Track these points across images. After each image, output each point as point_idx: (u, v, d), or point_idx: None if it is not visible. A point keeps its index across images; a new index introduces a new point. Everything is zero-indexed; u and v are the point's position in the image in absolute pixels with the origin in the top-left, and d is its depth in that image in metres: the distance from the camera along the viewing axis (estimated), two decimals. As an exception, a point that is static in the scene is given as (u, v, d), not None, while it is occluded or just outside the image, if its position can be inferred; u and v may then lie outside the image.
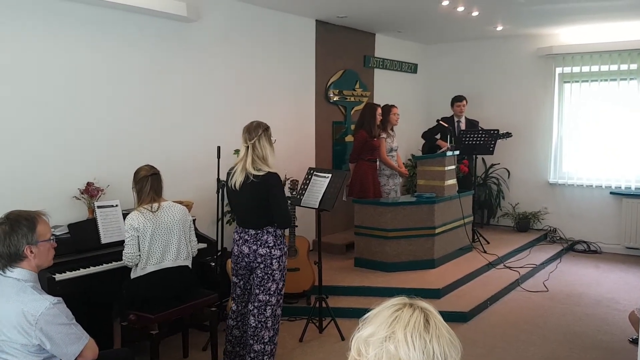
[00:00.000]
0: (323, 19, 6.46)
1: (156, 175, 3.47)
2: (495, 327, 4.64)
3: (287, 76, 6.12)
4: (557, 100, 7.50)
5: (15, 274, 2.23)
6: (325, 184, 4.31)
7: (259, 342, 3.48)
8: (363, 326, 1.27)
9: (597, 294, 5.47)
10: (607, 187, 7.15)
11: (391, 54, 7.74)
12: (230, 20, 5.35)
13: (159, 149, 4.70)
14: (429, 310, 1.27)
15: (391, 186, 6.26)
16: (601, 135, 7.15)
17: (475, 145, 6.63)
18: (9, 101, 3.77)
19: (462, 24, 6.77)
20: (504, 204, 7.92)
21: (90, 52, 4.21)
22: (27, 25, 3.82)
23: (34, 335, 2.14)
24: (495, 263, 6.02)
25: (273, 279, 3.47)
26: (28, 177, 3.86)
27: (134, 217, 3.36)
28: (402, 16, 6.33)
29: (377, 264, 5.55)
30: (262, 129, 3.44)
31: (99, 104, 4.30)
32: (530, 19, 6.49)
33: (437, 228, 5.66)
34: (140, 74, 4.58)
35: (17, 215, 2.24)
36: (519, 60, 7.75)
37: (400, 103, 6.72)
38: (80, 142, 4.18)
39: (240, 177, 3.37)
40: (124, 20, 4.41)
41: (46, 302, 2.17)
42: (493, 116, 7.73)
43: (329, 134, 6.84)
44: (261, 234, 3.44)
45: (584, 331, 4.54)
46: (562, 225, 7.50)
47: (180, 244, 3.49)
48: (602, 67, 7.09)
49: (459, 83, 8.04)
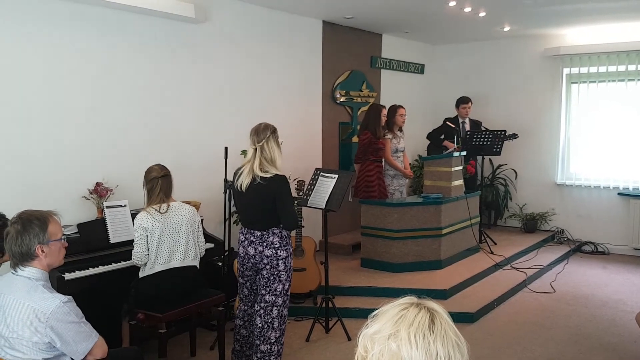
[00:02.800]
0: (330, 20, 6.48)
1: (167, 177, 3.50)
2: (502, 328, 4.63)
3: (294, 77, 6.14)
4: (564, 101, 7.47)
5: (27, 272, 2.26)
6: (332, 184, 4.32)
7: (266, 342, 3.50)
8: (370, 323, 1.28)
9: (605, 295, 5.45)
10: (615, 188, 7.12)
11: (398, 55, 7.74)
12: (237, 21, 5.38)
13: (168, 150, 4.74)
14: (435, 310, 1.26)
15: (395, 187, 6.26)
16: (609, 135, 7.12)
17: (482, 146, 6.62)
18: (19, 102, 3.81)
19: (469, 25, 6.76)
20: (511, 204, 7.90)
21: (100, 53, 4.25)
22: (36, 27, 3.87)
23: (45, 333, 2.17)
24: (502, 264, 6.01)
25: (279, 279, 3.49)
26: (38, 177, 3.90)
27: (143, 217, 3.39)
28: (409, 17, 6.33)
29: (383, 264, 5.56)
30: (270, 131, 3.45)
31: (108, 105, 4.34)
32: (537, 19, 6.48)
33: (443, 229, 5.66)
34: (148, 75, 4.62)
35: (29, 215, 2.27)
36: (526, 61, 7.73)
37: (407, 104, 6.72)
38: (89, 142, 4.22)
39: (247, 179, 3.39)
40: (132, 21, 4.45)
41: (57, 300, 2.20)
42: (500, 117, 7.73)
43: (335, 134, 6.85)
44: (267, 235, 3.46)
45: (591, 332, 4.53)
46: (569, 226, 7.47)
47: (188, 244, 3.52)
48: (610, 67, 7.06)
49: (466, 83, 8.04)
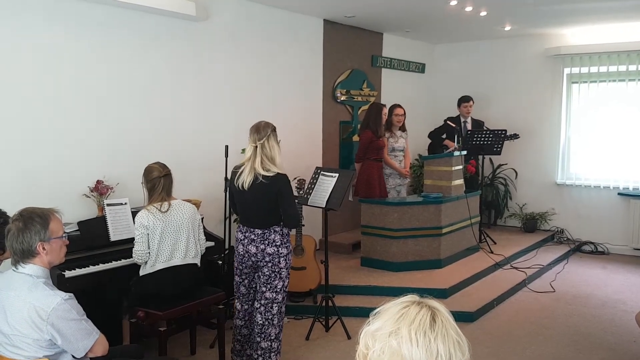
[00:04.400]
0: (331, 19, 6.48)
1: (168, 176, 3.49)
2: (501, 327, 4.64)
3: (295, 75, 6.13)
4: (565, 101, 7.47)
5: (28, 269, 2.27)
6: (333, 183, 4.32)
7: (266, 339, 3.51)
8: (372, 321, 1.28)
9: (604, 295, 5.46)
10: (615, 188, 7.12)
11: (399, 54, 7.74)
12: (238, 19, 5.38)
13: (168, 147, 4.73)
14: (437, 309, 1.26)
15: (391, 185, 6.25)
16: (609, 135, 7.12)
17: (482, 145, 6.62)
18: (19, 101, 3.81)
19: (470, 24, 6.76)
20: (511, 204, 7.90)
21: (100, 51, 4.25)
22: (39, 26, 3.86)
23: (46, 330, 2.17)
24: (502, 263, 6.02)
25: (280, 276, 3.50)
26: (39, 175, 3.90)
27: (144, 215, 3.38)
28: (410, 16, 6.33)
29: (383, 263, 5.56)
30: (271, 129, 3.46)
31: (109, 103, 4.34)
32: (538, 19, 6.47)
33: (443, 228, 5.66)
34: (149, 73, 4.62)
35: (30, 212, 2.27)
36: (527, 61, 7.73)
37: (408, 103, 6.73)
38: (90, 140, 4.22)
39: (249, 178, 3.39)
40: (133, 19, 4.44)
41: (58, 297, 2.20)
42: (501, 116, 7.72)
43: (336, 133, 6.85)
44: (268, 233, 3.46)
45: (591, 332, 4.53)
46: (569, 226, 7.48)
47: (189, 242, 3.52)
48: (611, 67, 7.06)
49: (467, 83, 8.03)
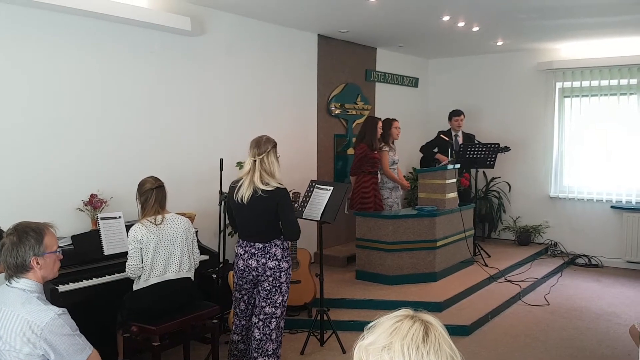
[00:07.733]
0: (325, 34, 6.54)
1: (161, 188, 3.50)
2: (496, 340, 4.64)
3: (289, 90, 6.17)
4: (557, 115, 7.54)
5: (21, 284, 2.25)
6: (327, 196, 4.33)
7: (263, 354, 3.49)
8: (366, 334, 1.28)
9: (598, 307, 5.47)
10: (607, 201, 7.16)
11: (392, 68, 7.80)
12: (233, 34, 5.42)
13: (163, 161, 4.74)
14: (430, 323, 1.26)
15: (394, 199, 6.28)
16: (602, 149, 7.19)
17: (475, 158, 6.66)
18: (13, 114, 3.82)
19: (463, 39, 6.83)
20: (505, 217, 7.93)
21: (96, 65, 4.27)
22: (34, 39, 3.89)
23: (39, 345, 2.16)
24: (496, 276, 6.03)
25: (280, 291, 3.49)
26: (33, 188, 3.90)
27: (138, 229, 3.38)
28: (403, 31, 6.40)
29: (378, 276, 5.56)
30: (272, 145, 3.47)
31: (104, 116, 4.35)
32: (530, 34, 6.56)
33: (438, 241, 5.67)
34: (145, 87, 4.64)
35: (25, 227, 2.26)
36: (519, 75, 7.80)
37: (401, 117, 6.77)
38: (84, 154, 4.22)
39: (248, 191, 3.39)
40: (129, 34, 4.47)
41: (51, 312, 2.19)
42: (494, 130, 7.79)
43: (330, 146, 6.88)
44: (269, 247, 3.46)
45: (585, 345, 4.53)
46: (563, 239, 7.51)
47: (183, 256, 3.51)
48: (602, 82, 7.14)
49: (460, 97, 8.10)
